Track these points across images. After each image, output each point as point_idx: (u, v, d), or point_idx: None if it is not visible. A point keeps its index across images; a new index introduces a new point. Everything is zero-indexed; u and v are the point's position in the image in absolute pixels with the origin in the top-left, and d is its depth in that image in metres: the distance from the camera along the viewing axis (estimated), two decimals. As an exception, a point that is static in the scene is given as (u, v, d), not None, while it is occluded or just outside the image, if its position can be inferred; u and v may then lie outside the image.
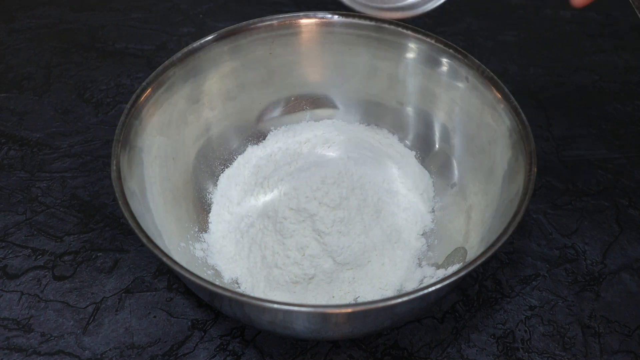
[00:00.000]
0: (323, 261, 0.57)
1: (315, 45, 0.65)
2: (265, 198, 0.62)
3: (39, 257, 0.61)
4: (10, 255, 0.61)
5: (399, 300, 0.46)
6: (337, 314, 0.47)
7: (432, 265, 0.59)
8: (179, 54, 0.60)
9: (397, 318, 0.52)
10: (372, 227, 0.59)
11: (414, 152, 0.66)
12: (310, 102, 0.68)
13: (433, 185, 0.64)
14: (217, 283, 0.50)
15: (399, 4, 0.59)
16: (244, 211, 0.62)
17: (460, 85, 0.61)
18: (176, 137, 0.61)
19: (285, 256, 0.57)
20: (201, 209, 0.62)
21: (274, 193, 0.61)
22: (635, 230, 0.64)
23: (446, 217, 0.62)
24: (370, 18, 0.62)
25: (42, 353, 0.55)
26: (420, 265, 0.60)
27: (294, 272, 0.57)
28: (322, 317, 0.48)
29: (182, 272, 0.46)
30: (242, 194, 0.63)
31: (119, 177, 0.52)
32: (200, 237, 0.60)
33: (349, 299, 0.57)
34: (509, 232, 0.49)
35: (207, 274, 0.57)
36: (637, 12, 0.49)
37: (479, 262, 0.47)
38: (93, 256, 0.61)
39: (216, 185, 0.64)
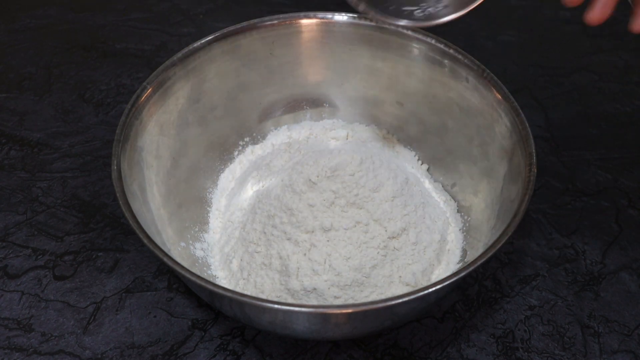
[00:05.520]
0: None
1: (315, 45, 0.65)
2: (265, 198, 0.62)
3: (39, 257, 0.61)
4: (11, 255, 0.61)
5: (399, 300, 0.46)
6: (337, 314, 0.47)
7: (432, 265, 0.59)
8: (179, 54, 0.60)
9: (397, 318, 0.52)
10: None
11: (414, 152, 0.66)
12: (310, 102, 0.68)
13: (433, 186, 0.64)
14: (217, 283, 0.50)
15: (415, 14, 0.58)
16: (244, 211, 0.62)
17: (460, 85, 0.61)
18: (176, 137, 0.61)
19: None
20: (201, 208, 0.62)
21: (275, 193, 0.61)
22: (635, 230, 0.64)
23: (446, 217, 0.62)
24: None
25: (42, 353, 0.55)
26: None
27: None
28: (322, 317, 0.48)
29: (182, 272, 0.46)
30: (242, 193, 0.63)
31: (120, 177, 0.52)
32: (200, 236, 0.60)
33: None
34: (509, 232, 0.49)
35: (207, 274, 0.57)
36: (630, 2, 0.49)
37: (479, 262, 0.47)
38: (93, 256, 0.61)
39: (216, 185, 0.64)
